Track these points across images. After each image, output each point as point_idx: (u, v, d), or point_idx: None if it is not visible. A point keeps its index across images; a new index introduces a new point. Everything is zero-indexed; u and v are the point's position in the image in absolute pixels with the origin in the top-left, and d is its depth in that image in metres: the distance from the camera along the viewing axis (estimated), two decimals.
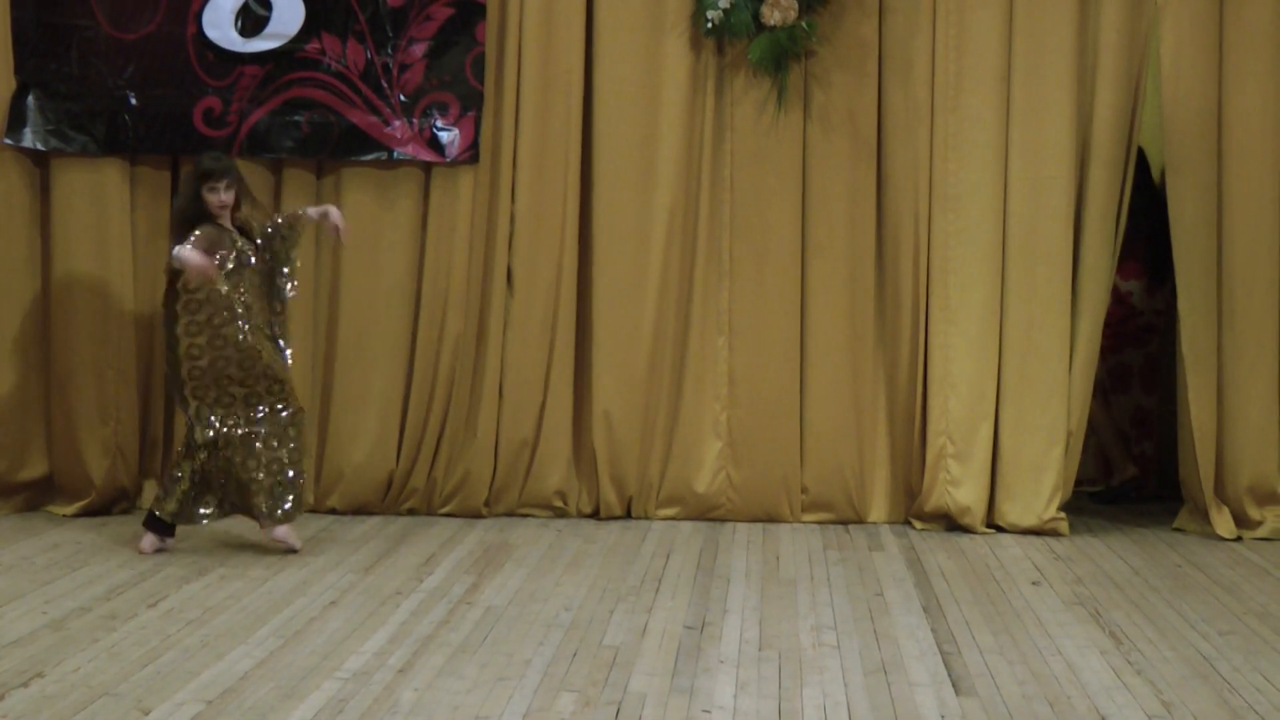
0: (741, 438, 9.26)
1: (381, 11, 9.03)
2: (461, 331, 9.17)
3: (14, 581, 7.53)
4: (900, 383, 9.20)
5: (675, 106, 9.15)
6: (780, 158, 9.15)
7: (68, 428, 9.16)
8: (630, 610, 7.15)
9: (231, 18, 9.03)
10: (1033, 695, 5.97)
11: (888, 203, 9.19)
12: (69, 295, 9.11)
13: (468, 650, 6.44)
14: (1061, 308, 8.98)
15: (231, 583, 7.54)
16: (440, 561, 8.10)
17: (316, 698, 5.79)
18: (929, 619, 7.09)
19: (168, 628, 6.71)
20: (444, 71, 9.07)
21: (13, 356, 9.14)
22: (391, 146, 9.08)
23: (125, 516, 9.09)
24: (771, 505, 9.25)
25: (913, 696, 5.94)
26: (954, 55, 9.03)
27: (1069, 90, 8.94)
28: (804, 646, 6.60)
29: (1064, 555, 8.49)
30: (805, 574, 7.97)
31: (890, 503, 9.30)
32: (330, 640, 6.56)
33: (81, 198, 9.10)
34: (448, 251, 9.16)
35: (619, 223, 9.19)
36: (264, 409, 8.11)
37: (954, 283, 9.05)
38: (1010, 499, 9.05)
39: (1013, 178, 9.01)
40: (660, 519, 9.26)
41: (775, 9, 8.92)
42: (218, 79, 9.05)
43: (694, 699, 5.87)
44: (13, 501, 9.18)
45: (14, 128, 9.02)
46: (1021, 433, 9.04)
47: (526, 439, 9.24)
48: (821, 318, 9.22)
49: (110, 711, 5.61)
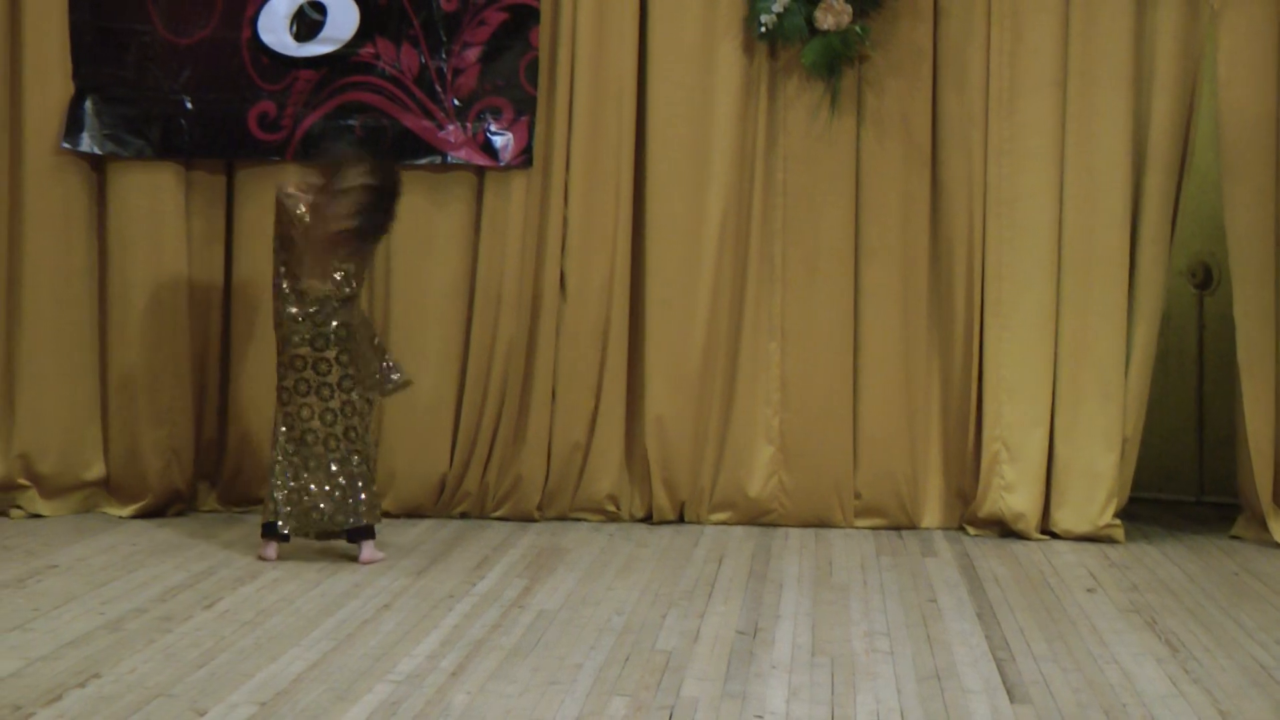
0: (794, 442, 9.24)
1: (435, 16, 9.05)
2: (514, 335, 9.18)
3: (71, 582, 7.57)
4: (954, 388, 9.17)
5: (728, 110, 9.14)
6: (833, 162, 9.13)
7: (124, 430, 9.21)
8: (682, 615, 7.14)
9: (286, 22, 9.07)
10: (1088, 703, 5.93)
11: (941, 207, 9.16)
12: (125, 298, 9.17)
13: (520, 654, 6.44)
14: (1117, 313, 8.94)
15: (285, 585, 7.57)
16: (493, 565, 8.11)
17: (369, 700, 5.81)
18: (983, 625, 7.06)
19: (222, 629, 6.74)
20: (498, 76, 9.09)
21: (70, 358, 9.19)
22: (445, 151, 9.10)
23: (181, 518, 9.14)
24: (824, 510, 9.23)
25: (966, 703, 5.91)
26: (1008, 60, 9.00)
27: (1124, 95, 8.90)
28: (856, 652, 6.58)
29: (1119, 562, 8.44)
30: (858, 580, 7.95)
31: (943, 508, 9.27)
32: (383, 643, 6.57)
33: (137, 201, 9.15)
34: (500, 255, 9.18)
35: (671, 227, 9.19)
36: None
37: (1008, 288, 9.02)
38: (1064, 505, 9.01)
39: (1068, 183, 8.98)
40: (712, 524, 9.25)
41: (829, 13, 8.90)
42: (272, 83, 9.09)
43: (746, 704, 5.86)
44: (69, 503, 9.24)
45: (71, 132, 9.07)
46: (1076, 439, 9.00)
47: (579, 443, 9.25)
48: (875, 322, 9.19)
49: (165, 712, 5.63)
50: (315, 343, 8.03)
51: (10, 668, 6.13)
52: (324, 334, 8.02)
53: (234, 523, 9.02)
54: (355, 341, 8.10)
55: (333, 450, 8.05)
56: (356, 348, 8.10)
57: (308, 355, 8.03)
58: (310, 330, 8.02)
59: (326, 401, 8.05)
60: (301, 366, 8.04)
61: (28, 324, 9.15)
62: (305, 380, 8.05)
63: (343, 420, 8.06)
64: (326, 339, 8.02)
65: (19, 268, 9.15)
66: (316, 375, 8.04)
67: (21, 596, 7.28)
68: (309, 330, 8.02)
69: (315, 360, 8.03)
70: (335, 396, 8.05)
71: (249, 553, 8.20)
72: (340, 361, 8.05)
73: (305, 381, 8.05)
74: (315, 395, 8.05)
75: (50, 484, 9.19)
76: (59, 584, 7.54)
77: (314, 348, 8.03)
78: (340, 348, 8.05)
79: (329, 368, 8.04)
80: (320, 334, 8.02)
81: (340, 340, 8.04)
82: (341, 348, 8.05)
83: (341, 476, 8.04)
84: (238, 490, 9.35)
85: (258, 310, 9.15)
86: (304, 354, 8.03)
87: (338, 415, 8.05)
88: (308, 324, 8.02)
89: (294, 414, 8.06)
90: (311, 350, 8.03)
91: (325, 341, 8.03)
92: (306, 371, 8.04)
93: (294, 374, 8.05)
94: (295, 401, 8.05)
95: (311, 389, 8.05)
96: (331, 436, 8.05)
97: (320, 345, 8.03)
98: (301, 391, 8.05)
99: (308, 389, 8.05)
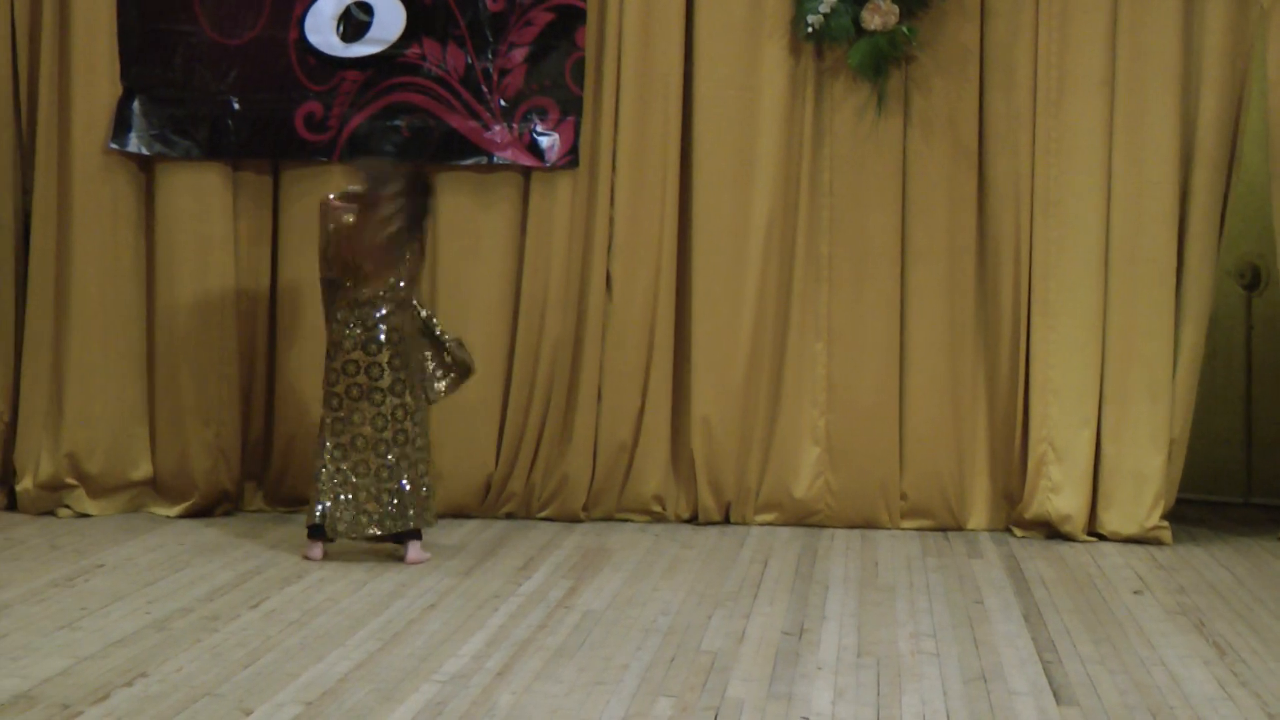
0: (840, 443, 9.23)
1: (482, 17, 9.07)
2: (560, 336, 9.19)
3: (118, 582, 7.60)
4: (1000, 389, 9.14)
5: (774, 111, 9.13)
6: (880, 163, 9.11)
7: (171, 430, 9.25)
8: (728, 615, 7.13)
9: (333, 23, 9.09)
10: (1135, 705, 5.91)
11: (988, 208, 9.13)
12: (172, 298, 9.21)
13: (565, 654, 6.44)
14: (1165, 313, 8.90)
15: (331, 585, 7.59)
16: (538, 565, 8.11)
17: (415, 700, 5.82)
18: (1029, 627, 7.03)
19: (268, 629, 6.76)
20: (544, 76, 9.09)
21: (118, 359, 9.23)
22: (491, 151, 9.11)
23: (227, 518, 9.18)
24: (870, 511, 9.21)
25: (1012, 705, 5.89)
26: (1056, 60, 8.96)
27: (1172, 95, 8.86)
28: (902, 654, 6.56)
29: (1166, 564, 8.40)
30: (904, 581, 7.93)
31: (990, 510, 9.24)
32: (428, 643, 6.58)
33: (184, 201, 9.19)
34: (546, 256, 9.19)
35: (717, 227, 9.18)
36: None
37: (1055, 288, 8.98)
38: (1112, 507, 8.97)
39: (1115, 182, 8.94)
40: (758, 524, 9.24)
41: (876, 14, 8.88)
42: (319, 84, 9.11)
43: (792, 705, 5.85)
44: (117, 502, 9.28)
45: (119, 133, 9.12)
46: (1123, 440, 8.96)
47: (625, 443, 9.25)
48: (921, 323, 9.17)
49: (212, 712, 5.65)
50: (368, 347, 8.04)
51: (58, 666, 6.16)
52: (375, 338, 8.03)
53: (280, 523, 9.05)
54: (407, 345, 8.10)
55: (382, 455, 8.05)
56: (408, 351, 8.11)
57: (360, 360, 8.04)
58: (362, 335, 8.03)
59: (378, 406, 8.05)
60: (354, 371, 8.05)
61: (75, 324, 9.19)
62: (357, 385, 8.05)
63: (393, 425, 8.06)
64: (379, 343, 8.03)
65: (67, 268, 9.19)
66: (369, 380, 8.05)
67: (70, 595, 7.31)
68: (360, 335, 8.03)
69: (368, 365, 8.04)
70: (387, 401, 8.06)
71: (295, 553, 8.22)
72: (392, 365, 8.05)
73: (357, 386, 8.05)
74: (367, 400, 8.05)
75: (98, 483, 9.23)
76: (106, 583, 7.57)
77: (366, 352, 8.04)
78: (392, 351, 8.05)
79: (380, 372, 8.04)
80: (372, 338, 8.03)
81: (392, 344, 8.05)
82: (394, 351, 8.06)
83: (390, 482, 8.05)
84: (284, 490, 9.38)
85: (303, 310, 9.17)
86: (356, 358, 8.04)
87: (389, 420, 8.06)
88: (358, 328, 8.03)
89: (345, 419, 8.06)
90: (364, 355, 8.03)
91: (377, 346, 8.04)
92: (359, 376, 8.05)
93: (346, 379, 8.05)
94: (346, 406, 8.05)
95: (364, 394, 8.05)
96: (381, 441, 8.05)
97: (373, 350, 8.03)
98: (353, 396, 8.05)
99: (360, 394, 8.05)
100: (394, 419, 8.06)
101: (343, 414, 8.06)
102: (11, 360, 9.33)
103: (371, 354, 8.03)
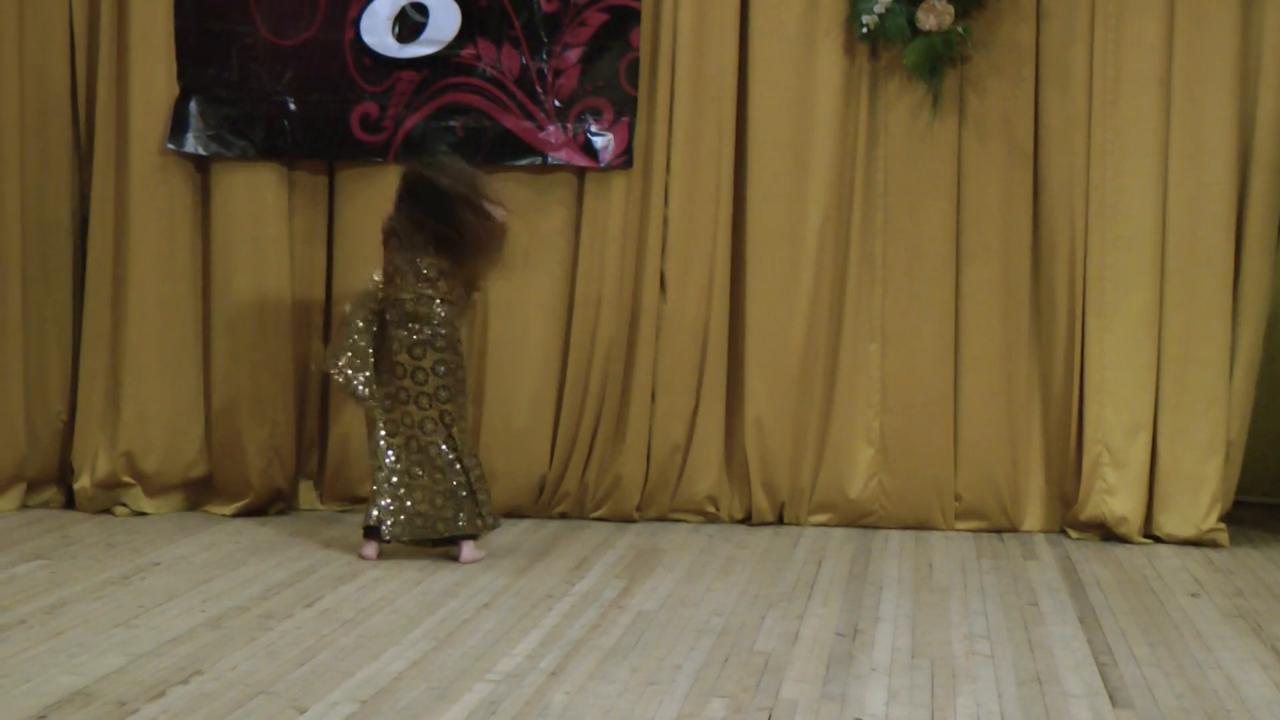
0: (894, 444, 9.20)
1: (536, 17, 9.08)
2: (614, 336, 9.19)
3: (173, 580, 7.65)
4: (1055, 390, 9.10)
5: (828, 111, 9.11)
6: (934, 163, 9.09)
7: (227, 428, 9.29)
8: (781, 616, 7.12)
9: (388, 24, 9.12)
10: (1191, 709, 5.87)
11: (1043, 209, 9.10)
12: (227, 297, 9.25)
13: (618, 654, 6.45)
14: (1222, 315, 8.85)
15: (385, 584, 7.61)
16: (592, 565, 8.12)
17: (469, 699, 5.83)
18: (1084, 629, 7.00)
19: (323, 628, 6.79)
20: (598, 77, 9.10)
21: (174, 357, 9.29)
22: (545, 152, 9.12)
23: (282, 517, 9.22)
24: (924, 512, 9.18)
25: (1068, 708, 5.87)
26: (1112, 60, 8.91)
27: (1231, 95, 8.80)
28: (956, 655, 6.54)
29: (1223, 567, 8.35)
30: (958, 582, 7.90)
31: (1045, 511, 9.21)
32: (482, 642, 6.59)
33: (240, 202, 9.23)
34: (600, 256, 9.19)
35: (771, 227, 9.17)
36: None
37: (1111, 289, 8.94)
38: (1168, 509, 8.92)
39: (1172, 183, 8.88)
40: (812, 525, 9.22)
41: (931, 13, 8.86)
42: (375, 84, 9.14)
43: (845, 706, 5.84)
44: (173, 500, 9.34)
45: (176, 133, 9.17)
46: (1180, 442, 8.91)
47: (678, 444, 9.25)
48: (976, 324, 9.14)
49: (266, 709, 5.67)
50: (413, 350, 8.05)
51: (115, 664, 6.20)
52: (420, 342, 8.05)
53: (334, 521, 9.09)
54: (456, 351, 8.11)
55: (434, 458, 8.07)
56: (456, 357, 8.12)
57: (406, 363, 8.06)
58: (407, 338, 8.04)
59: (425, 410, 8.06)
60: (401, 375, 8.07)
61: (132, 323, 9.24)
62: (404, 389, 8.07)
63: (442, 429, 8.08)
64: (424, 347, 8.04)
65: (124, 267, 9.25)
66: (414, 384, 8.06)
67: (126, 593, 7.36)
68: (406, 338, 8.05)
69: (414, 369, 8.06)
70: (433, 406, 8.07)
71: (349, 551, 8.25)
72: (437, 371, 8.06)
73: (404, 390, 8.07)
74: (414, 404, 8.07)
75: (154, 482, 9.29)
76: (162, 581, 7.62)
77: (412, 355, 8.05)
78: (438, 357, 8.06)
79: (426, 377, 8.06)
80: (418, 342, 8.04)
81: (438, 350, 8.06)
82: (439, 358, 8.07)
83: (442, 485, 8.06)
84: (338, 489, 9.41)
85: None
86: (403, 361, 8.06)
87: (437, 424, 8.07)
88: (404, 331, 8.04)
89: (396, 421, 8.09)
90: (410, 358, 8.05)
91: (423, 350, 8.05)
92: (405, 380, 8.06)
93: (394, 381, 8.08)
94: (396, 409, 8.08)
95: (410, 398, 8.07)
96: (432, 445, 8.07)
97: (418, 354, 8.05)
98: (401, 400, 8.07)
99: (407, 397, 8.07)
100: (442, 423, 8.07)
101: (394, 415, 8.08)
102: (69, 360, 9.40)
103: (416, 357, 8.05)
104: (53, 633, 6.64)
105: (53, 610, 7.01)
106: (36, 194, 9.28)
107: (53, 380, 9.39)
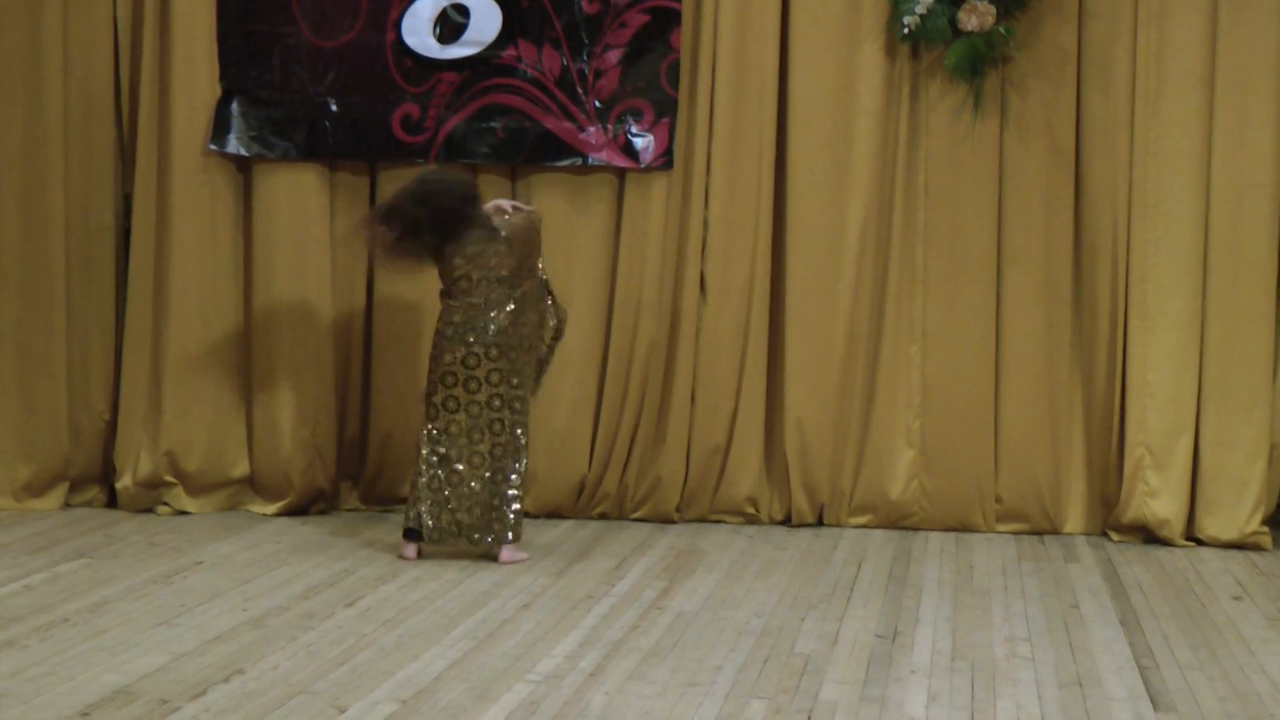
0: (935, 446, 9.18)
1: (577, 18, 9.08)
2: (654, 337, 9.19)
3: (215, 579, 7.68)
4: (1097, 392, 9.07)
5: (870, 112, 9.09)
6: (976, 165, 9.06)
7: (267, 429, 9.32)
8: (821, 618, 7.12)
9: (430, 25, 9.13)
10: (1234, 713, 5.85)
11: (1085, 210, 9.06)
12: (269, 298, 9.28)
13: (658, 655, 6.45)
14: (1265, 317, 8.81)
15: (426, 584, 7.63)
16: (631, 566, 8.12)
17: (508, 699, 5.84)
18: (1126, 632, 6.98)
19: (364, 627, 6.81)
20: (639, 78, 9.10)
21: (216, 357, 9.32)
22: (586, 153, 9.13)
23: (323, 517, 9.24)
24: (965, 515, 9.16)
25: (1109, 711, 5.85)
26: (1155, 61, 8.88)
27: (1274, 96, 8.76)
28: (997, 658, 6.53)
29: (1267, 570, 8.31)
30: (999, 584, 7.88)
31: (1086, 514, 9.17)
32: (522, 643, 6.60)
33: (281, 202, 9.26)
34: (640, 257, 9.19)
35: (812, 229, 9.16)
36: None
37: (1153, 291, 8.91)
38: (1210, 512, 8.88)
39: (1215, 185, 8.85)
40: (852, 527, 9.21)
41: (973, 14, 8.83)
42: (416, 85, 9.16)
43: (885, 709, 5.83)
44: (214, 500, 9.36)
45: (218, 134, 9.20)
46: (1223, 445, 8.87)
47: (718, 445, 9.24)
48: (1017, 326, 9.11)
49: (307, 709, 5.69)
50: (467, 360, 8.05)
51: (157, 662, 6.23)
52: (475, 352, 8.04)
53: (375, 521, 9.11)
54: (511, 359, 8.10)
55: (477, 468, 8.08)
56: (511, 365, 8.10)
57: (459, 372, 8.06)
58: (462, 348, 8.05)
59: (475, 419, 8.07)
60: (452, 383, 8.07)
61: (174, 323, 9.28)
62: (454, 397, 8.08)
63: (490, 438, 8.08)
64: (478, 356, 8.04)
65: (166, 267, 9.28)
66: (466, 393, 8.07)
67: (168, 592, 7.39)
68: (461, 347, 8.05)
69: (466, 378, 8.06)
70: (484, 414, 8.07)
71: (390, 552, 8.27)
72: (490, 380, 8.06)
73: (454, 399, 8.08)
74: (464, 412, 8.07)
75: (196, 481, 9.32)
76: (204, 580, 7.65)
77: (465, 365, 8.06)
78: (492, 365, 8.06)
79: (478, 386, 8.06)
80: (472, 352, 8.04)
81: (491, 359, 8.05)
82: (493, 366, 8.06)
83: (483, 495, 8.07)
84: (379, 489, 9.43)
85: (399, 310, 9.23)
86: (455, 370, 8.06)
87: (485, 433, 8.08)
88: (458, 340, 8.05)
89: (441, 429, 8.09)
90: (463, 368, 8.06)
91: (476, 359, 8.05)
92: (456, 389, 8.07)
93: (444, 390, 8.08)
94: (443, 417, 8.08)
95: (460, 406, 8.07)
96: (476, 454, 8.07)
97: (471, 363, 8.05)
98: (450, 408, 8.08)
99: (456, 405, 8.08)
100: (490, 432, 8.08)
101: (440, 424, 8.08)
102: (112, 360, 9.43)
103: (470, 367, 8.05)
104: (95, 631, 6.68)
105: (95, 609, 7.05)
106: (80, 195, 9.32)
107: (95, 380, 9.43)
